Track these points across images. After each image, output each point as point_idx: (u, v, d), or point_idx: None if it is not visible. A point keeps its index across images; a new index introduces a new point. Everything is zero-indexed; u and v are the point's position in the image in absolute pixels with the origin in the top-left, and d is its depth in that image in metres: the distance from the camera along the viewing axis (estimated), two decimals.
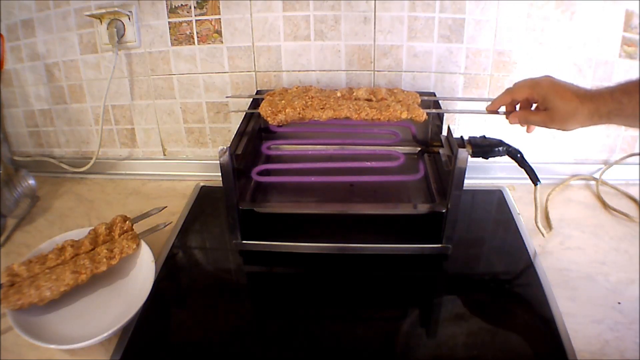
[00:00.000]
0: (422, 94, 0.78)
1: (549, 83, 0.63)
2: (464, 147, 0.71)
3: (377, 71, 0.91)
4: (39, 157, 1.04)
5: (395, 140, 0.86)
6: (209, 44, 0.90)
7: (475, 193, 0.93)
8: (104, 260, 0.68)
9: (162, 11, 0.88)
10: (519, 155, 0.73)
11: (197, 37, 0.90)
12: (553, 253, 0.77)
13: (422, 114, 0.71)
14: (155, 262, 0.71)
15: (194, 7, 0.88)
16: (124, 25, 0.89)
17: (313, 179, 0.78)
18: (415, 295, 0.72)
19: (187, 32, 0.90)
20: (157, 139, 1.02)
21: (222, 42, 0.90)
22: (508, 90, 0.67)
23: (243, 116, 0.81)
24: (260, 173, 0.81)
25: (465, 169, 0.67)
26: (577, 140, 0.95)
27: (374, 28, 0.87)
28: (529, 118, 0.66)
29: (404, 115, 0.71)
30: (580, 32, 0.85)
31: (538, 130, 0.93)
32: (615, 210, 0.86)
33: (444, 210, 0.72)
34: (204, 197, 0.95)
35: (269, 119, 0.73)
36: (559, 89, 0.62)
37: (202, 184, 0.98)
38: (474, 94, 0.91)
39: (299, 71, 0.92)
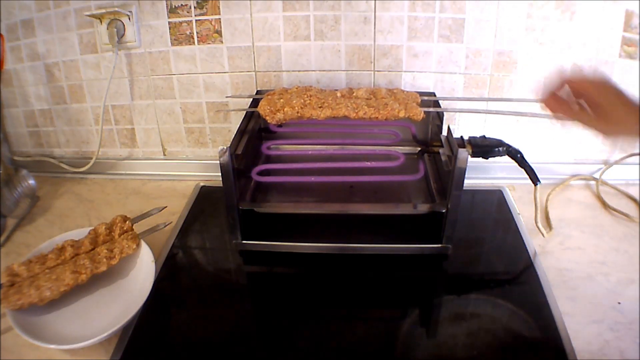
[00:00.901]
0: (422, 94, 0.78)
1: (612, 85, 0.57)
2: (464, 147, 0.71)
3: (377, 71, 0.91)
4: (39, 157, 1.04)
5: (395, 140, 0.86)
6: (209, 44, 0.90)
7: (475, 193, 0.93)
8: (104, 260, 0.69)
9: (162, 11, 0.88)
10: (519, 155, 0.73)
11: (197, 37, 0.90)
12: (553, 253, 0.77)
13: (419, 113, 0.71)
14: (155, 262, 0.71)
15: (194, 7, 0.88)
16: (124, 25, 0.89)
17: (313, 179, 0.78)
18: (415, 295, 0.72)
19: (187, 32, 0.90)
20: (157, 139, 1.02)
21: (222, 42, 0.90)
22: (561, 76, 0.60)
23: (243, 116, 0.81)
24: (260, 173, 0.81)
25: (465, 169, 0.67)
26: (577, 140, 0.95)
27: (374, 28, 0.87)
28: (579, 117, 0.59)
29: (402, 114, 0.71)
30: (580, 32, 0.85)
31: (538, 130, 0.94)
32: (615, 210, 0.86)
33: (444, 210, 0.72)
34: (204, 197, 0.95)
35: (267, 117, 0.73)
36: (620, 94, 0.56)
37: (202, 184, 0.98)
38: (474, 94, 0.91)
39: (299, 71, 0.92)
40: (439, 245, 0.74)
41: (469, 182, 0.70)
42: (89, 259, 0.68)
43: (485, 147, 0.71)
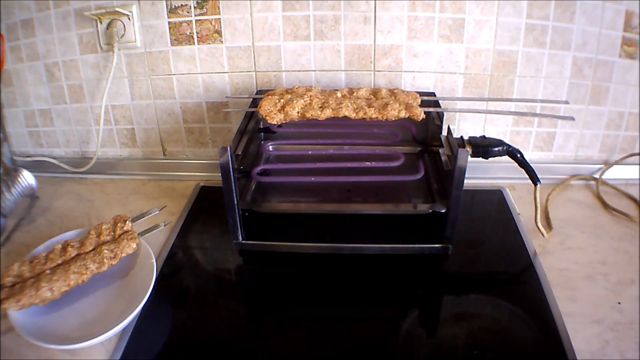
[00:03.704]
0: (422, 94, 0.78)
1: None
2: (464, 147, 0.71)
3: (377, 71, 0.91)
4: (39, 157, 1.04)
5: (395, 140, 0.86)
6: (209, 44, 0.90)
7: (475, 193, 0.93)
8: (105, 260, 0.69)
9: (162, 11, 0.88)
10: (519, 155, 0.73)
11: (197, 37, 0.90)
12: (553, 253, 0.77)
13: (420, 113, 0.71)
14: (156, 262, 0.71)
15: (194, 7, 0.88)
16: (124, 25, 0.89)
17: (313, 179, 0.78)
18: (415, 295, 0.72)
19: (187, 32, 0.90)
20: (157, 139, 1.02)
21: (222, 42, 0.90)
22: None
23: (243, 116, 0.81)
24: (261, 173, 0.81)
25: (465, 169, 0.67)
26: (577, 140, 0.95)
27: (374, 28, 0.87)
28: None
29: (402, 115, 0.71)
30: (580, 32, 0.85)
31: (537, 130, 0.94)
32: (615, 210, 0.86)
33: (444, 210, 0.72)
34: (204, 197, 0.94)
35: (267, 117, 0.73)
36: None
37: (202, 184, 0.98)
38: (474, 94, 0.91)
39: (299, 71, 0.92)
40: (439, 245, 0.74)
41: (469, 182, 0.70)
42: (89, 259, 0.68)
43: (485, 147, 0.71)
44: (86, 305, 0.68)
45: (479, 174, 0.94)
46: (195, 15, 0.88)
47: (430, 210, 0.74)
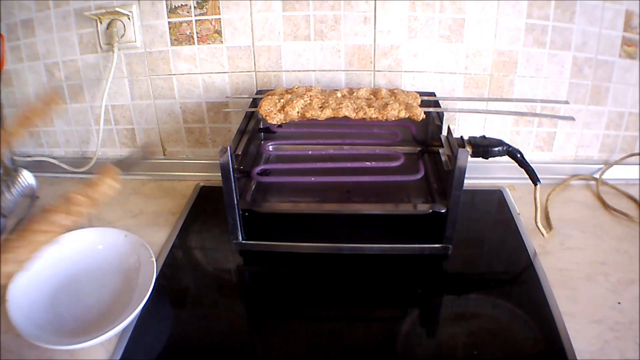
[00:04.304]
0: (422, 94, 0.78)
1: None
2: (464, 147, 0.71)
3: (377, 71, 0.91)
4: (39, 157, 1.04)
5: (395, 140, 0.86)
6: (209, 44, 0.90)
7: (475, 193, 0.93)
8: (80, 208, 0.55)
9: (162, 11, 0.88)
10: (519, 155, 0.73)
11: (197, 37, 0.90)
12: (553, 253, 0.77)
13: (419, 113, 0.71)
14: (156, 262, 0.71)
15: (194, 7, 0.88)
16: (124, 25, 0.89)
17: (313, 179, 0.78)
18: (415, 295, 0.72)
19: (187, 32, 0.90)
20: (157, 139, 1.02)
21: (222, 42, 0.90)
22: None
23: (243, 116, 0.81)
24: (261, 173, 0.81)
25: (465, 169, 0.67)
26: (577, 140, 0.95)
27: (374, 28, 0.87)
28: None
29: (402, 115, 0.71)
30: (580, 32, 0.85)
31: (537, 130, 0.94)
32: (615, 210, 0.86)
33: (444, 210, 0.72)
34: (204, 197, 0.95)
35: (267, 117, 0.73)
36: None
37: (202, 184, 0.98)
38: (474, 94, 0.91)
39: (299, 71, 0.92)
40: (439, 245, 0.74)
41: (469, 182, 0.70)
42: (56, 210, 0.55)
43: (485, 147, 0.71)
44: (86, 306, 0.68)
45: (479, 174, 0.94)
46: (195, 15, 0.88)
47: (430, 210, 0.74)
